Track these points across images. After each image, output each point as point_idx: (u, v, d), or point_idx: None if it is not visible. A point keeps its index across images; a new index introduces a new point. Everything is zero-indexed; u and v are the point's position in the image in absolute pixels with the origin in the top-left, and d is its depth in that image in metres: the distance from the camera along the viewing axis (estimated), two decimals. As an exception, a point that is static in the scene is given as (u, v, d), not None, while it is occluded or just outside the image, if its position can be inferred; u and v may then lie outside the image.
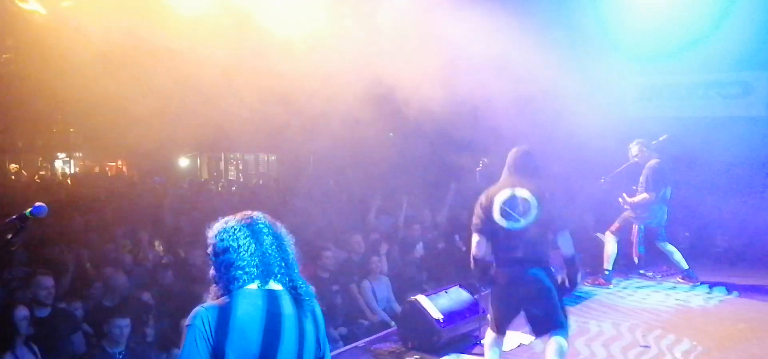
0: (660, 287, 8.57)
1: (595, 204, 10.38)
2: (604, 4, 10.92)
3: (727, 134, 10.52)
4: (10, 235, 2.89)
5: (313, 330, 2.62)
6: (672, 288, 8.44)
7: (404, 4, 8.25)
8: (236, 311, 2.43)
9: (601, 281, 8.68)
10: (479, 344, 6.25)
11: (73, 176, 25.42)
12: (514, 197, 5.01)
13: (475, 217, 5.16)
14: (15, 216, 2.91)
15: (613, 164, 9.17)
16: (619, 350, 6.23)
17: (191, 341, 2.39)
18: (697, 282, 8.50)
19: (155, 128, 12.49)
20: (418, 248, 9.09)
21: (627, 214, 8.67)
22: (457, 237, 10.44)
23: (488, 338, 5.34)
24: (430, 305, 6.28)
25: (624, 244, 8.89)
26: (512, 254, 5.01)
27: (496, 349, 5.29)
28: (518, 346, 6.33)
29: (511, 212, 4.98)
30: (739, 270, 9.48)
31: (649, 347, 6.28)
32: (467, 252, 10.00)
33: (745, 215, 10.17)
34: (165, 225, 10.79)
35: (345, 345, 6.84)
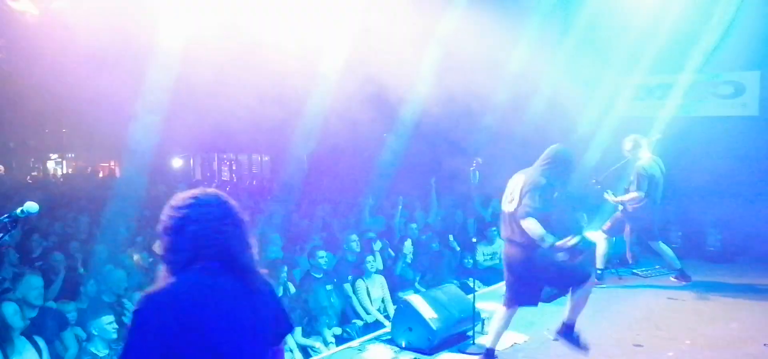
0: (653, 286, 8.60)
1: (588, 203, 10.41)
2: (599, 4, 10.95)
3: (719, 134, 10.57)
4: (1, 234, 2.85)
5: (266, 306, 2.56)
6: (665, 287, 8.46)
7: (399, 4, 8.26)
8: (182, 291, 2.37)
9: (594, 280, 8.67)
10: (473, 343, 6.26)
11: (64, 175, 25.30)
12: (509, 186, 5.51)
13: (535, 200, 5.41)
14: (5, 215, 2.87)
15: (607, 163, 9.19)
16: (612, 348, 6.23)
17: (139, 327, 2.32)
18: (690, 281, 8.53)
19: (148, 128, 12.44)
20: (407, 245, 9.07)
21: (619, 214, 8.69)
22: (450, 237, 10.44)
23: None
24: (424, 304, 6.28)
25: (617, 243, 8.92)
26: (505, 234, 5.55)
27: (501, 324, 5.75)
28: (512, 346, 6.33)
29: (503, 197, 5.55)
30: (732, 270, 9.53)
31: (642, 345, 6.29)
32: (461, 252, 10.07)
33: (737, 215, 10.21)
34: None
35: (338, 345, 6.83)
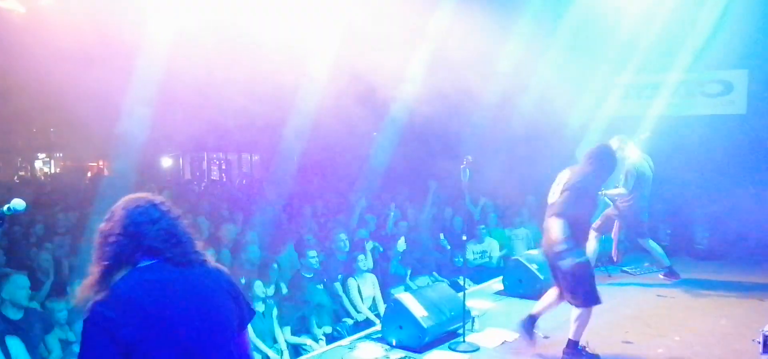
0: (642, 283, 8.63)
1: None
2: (588, 4, 10.98)
3: (708, 132, 10.63)
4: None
5: (220, 295, 2.53)
6: (654, 285, 8.50)
7: (389, 3, 8.24)
8: (129, 291, 2.34)
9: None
10: (464, 341, 6.26)
11: (52, 175, 25.10)
12: (557, 179, 5.86)
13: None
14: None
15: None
16: (602, 346, 6.25)
17: (91, 335, 2.28)
18: (679, 279, 8.58)
19: (137, 127, 12.37)
20: (400, 242, 9.07)
21: (609, 211, 8.73)
22: (441, 235, 10.45)
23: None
24: (415, 303, 6.27)
25: (606, 241, 8.96)
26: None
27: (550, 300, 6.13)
28: (502, 344, 6.34)
29: (550, 192, 5.87)
30: (720, 267, 9.59)
31: (632, 342, 6.31)
32: (451, 251, 10.07)
33: (726, 213, 10.27)
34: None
35: (329, 344, 6.82)
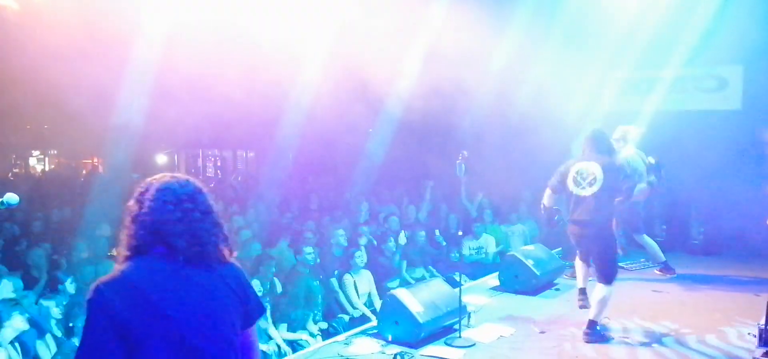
0: (638, 278, 8.65)
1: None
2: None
3: (703, 128, 10.63)
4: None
5: (230, 290, 2.49)
6: (650, 280, 8.52)
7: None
8: (135, 277, 2.33)
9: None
10: (460, 337, 6.26)
11: (46, 172, 24.99)
12: (584, 171, 6.26)
13: (553, 177, 6.56)
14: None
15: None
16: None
17: (92, 316, 2.26)
18: (675, 274, 8.60)
19: (131, 123, 12.33)
20: (401, 237, 9.07)
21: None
22: (437, 232, 10.44)
23: (578, 263, 7.03)
24: (411, 298, 6.27)
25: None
26: (578, 216, 6.30)
27: (584, 272, 6.95)
28: (498, 338, 6.34)
29: (581, 182, 6.25)
30: (715, 262, 9.63)
31: (628, 337, 6.32)
32: (447, 247, 10.08)
33: (721, 208, 10.30)
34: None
35: (325, 340, 6.82)
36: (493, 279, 8.60)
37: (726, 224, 10.31)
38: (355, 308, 7.88)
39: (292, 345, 6.91)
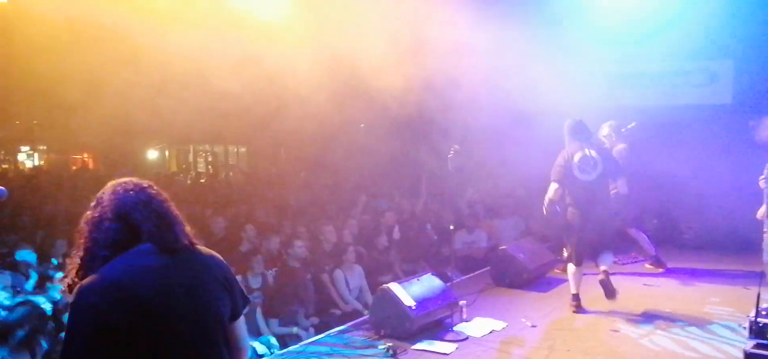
0: (629, 273, 8.69)
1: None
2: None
3: (693, 122, 10.68)
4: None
5: (212, 282, 2.46)
6: (640, 274, 8.56)
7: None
8: (117, 276, 2.27)
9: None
10: (452, 330, 6.27)
11: (35, 168, 24.82)
12: (587, 157, 6.74)
13: (556, 171, 6.89)
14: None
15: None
16: (589, 333, 6.28)
17: (77, 320, 2.22)
18: (665, 268, 8.63)
19: (122, 119, 12.26)
20: (395, 231, 9.07)
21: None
22: (428, 226, 10.45)
23: (571, 268, 7.01)
24: (403, 292, 6.27)
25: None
26: (585, 200, 6.77)
27: (579, 277, 7.03)
28: (490, 332, 6.35)
29: (586, 168, 6.72)
30: (706, 256, 9.68)
31: (619, 331, 6.34)
32: (439, 241, 10.08)
33: (711, 202, 10.36)
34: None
35: (317, 334, 6.81)
36: (484, 273, 8.61)
37: (716, 218, 10.38)
38: (346, 303, 7.88)
39: (284, 340, 6.90)
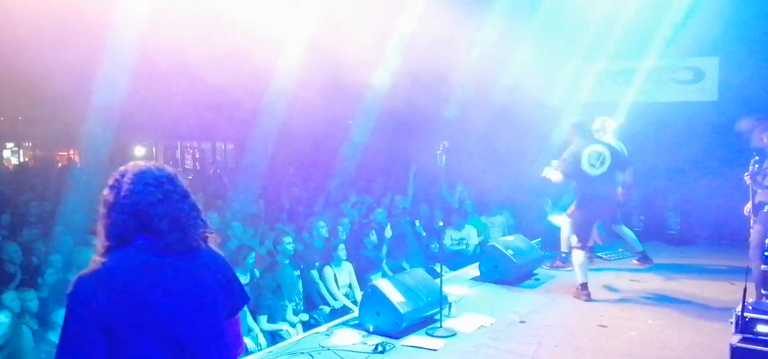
0: (616, 268, 8.74)
1: (553, 189, 10.52)
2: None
3: (679, 119, 10.75)
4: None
5: (214, 279, 2.45)
6: (627, 270, 8.60)
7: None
8: (118, 269, 2.26)
9: (558, 263, 8.80)
10: (440, 327, 6.27)
11: (21, 164, 24.55)
12: (596, 153, 7.34)
13: (564, 164, 7.43)
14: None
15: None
16: (576, 329, 6.31)
17: (74, 311, 2.20)
18: (652, 263, 8.69)
19: (108, 115, 12.16)
20: (387, 230, 9.07)
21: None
22: (417, 222, 10.45)
23: (579, 258, 7.34)
24: (392, 288, 6.27)
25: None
26: (598, 193, 7.38)
27: (587, 266, 7.44)
28: (479, 328, 6.36)
29: (595, 163, 7.31)
30: (692, 252, 9.77)
31: (606, 326, 6.38)
32: (428, 238, 10.09)
33: (697, 199, 10.44)
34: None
35: (306, 331, 6.79)
36: (473, 270, 8.63)
37: (703, 214, 10.47)
38: (335, 299, 7.87)
39: (273, 337, 6.88)
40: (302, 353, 5.77)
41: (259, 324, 6.87)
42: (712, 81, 10.84)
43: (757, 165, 6.65)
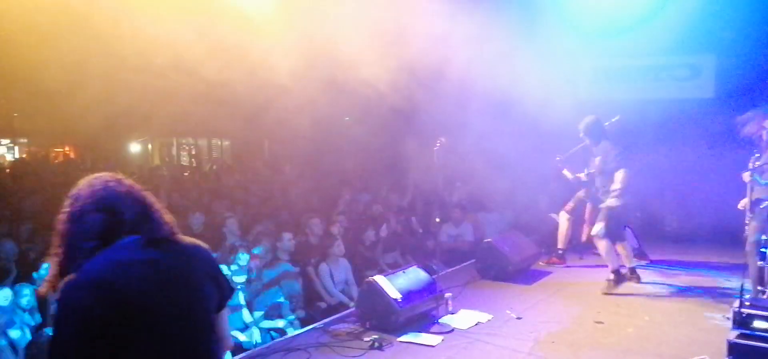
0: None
1: (549, 185, 10.53)
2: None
3: (676, 116, 10.76)
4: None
5: (198, 273, 2.43)
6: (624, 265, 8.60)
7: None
8: (103, 270, 2.24)
9: (555, 259, 8.81)
10: (437, 323, 6.27)
11: (17, 161, 24.48)
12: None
13: (627, 159, 7.68)
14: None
15: (566, 147, 9.27)
16: (573, 326, 6.31)
17: (64, 315, 2.19)
18: (649, 260, 8.70)
19: (103, 112, 12.13)
20: (383, 228, 9.06)
21: (581, 194, 8.80)
22: (413, 220, 10.45)
23: (605, 246, 7.56)
24: (388, 285, 6.26)
25: (578, 223, 9.03)
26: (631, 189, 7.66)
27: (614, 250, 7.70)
28: (476, 324, 6.36)
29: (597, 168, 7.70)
30: (689, 248, 9.78)
31: (603, 323, 6.38)
32: (424, 234, 10.08)
33: (694, 195, 10.45)
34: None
35: (303, 327, 6.78)
36: (470, 266, 8.63)
37: (699, 211, 10.47)
38: (331, 296, 7.87)
39: (269, 333, 6.87)
40: (299, 349, 5.76)
41: (257, 321, 6.86)
42: (708, 78, 10.85)
43: (757, 162, 6.65)
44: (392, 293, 6.18)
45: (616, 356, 5.54)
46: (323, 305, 7.73)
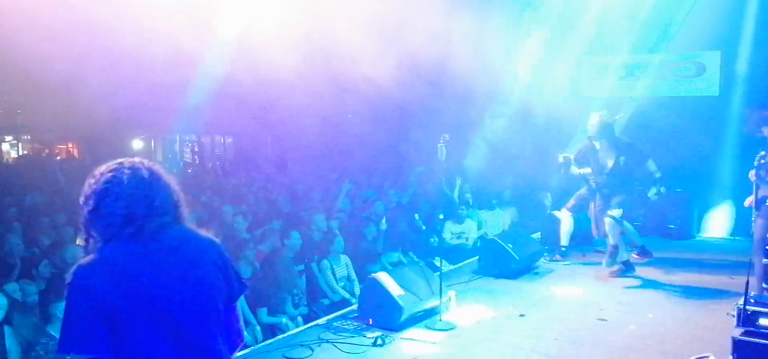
0: (616, 262, 8.72)
1: (553, 182, 10.52)
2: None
3: (680, 113, 10.72)
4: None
5: (211, 267, 2.45)
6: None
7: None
8: (115, 258, 2.28)
9: (558, 257, 8.78)
10: (440, 320, 6.25)
11: (20, 157, 24.51)
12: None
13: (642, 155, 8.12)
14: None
15: (570, 144, 9.27)
16: (576, 323, 6.29)
17: (74, 300, 2.21)
18: (652, 257, 8.66)
19: (106, 108, 12.13)
20: (382, 222, 9.05)
21: (582, 192, 8.76)
22: (416, 216, 10.43)
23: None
24: (391, 281, 6.24)
25: (581, 221, 9.00)
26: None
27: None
28: (478, 321, 6.35)
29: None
30: (691, 246, 9.76)
31: (606, 320, 6.36)
32: (427, 231, 10.07)
33: (697, 193, 10.42)
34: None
35: (306, 324, 6.78)
36: (473, 263, 8.62)
37: (702, 208, 10.45)
38: (334, 292, 7.86)
39: (272, 329, 6.86)
40: (301, 345, 5.75)
41: (259, 317, 6.85)
42: (713, 76, 10.78)
43: (763, 160, 6.62)
44: (395, 290, 6.16)
45: (618, 353, 5.52)
46: (326, 301, 7.73)
